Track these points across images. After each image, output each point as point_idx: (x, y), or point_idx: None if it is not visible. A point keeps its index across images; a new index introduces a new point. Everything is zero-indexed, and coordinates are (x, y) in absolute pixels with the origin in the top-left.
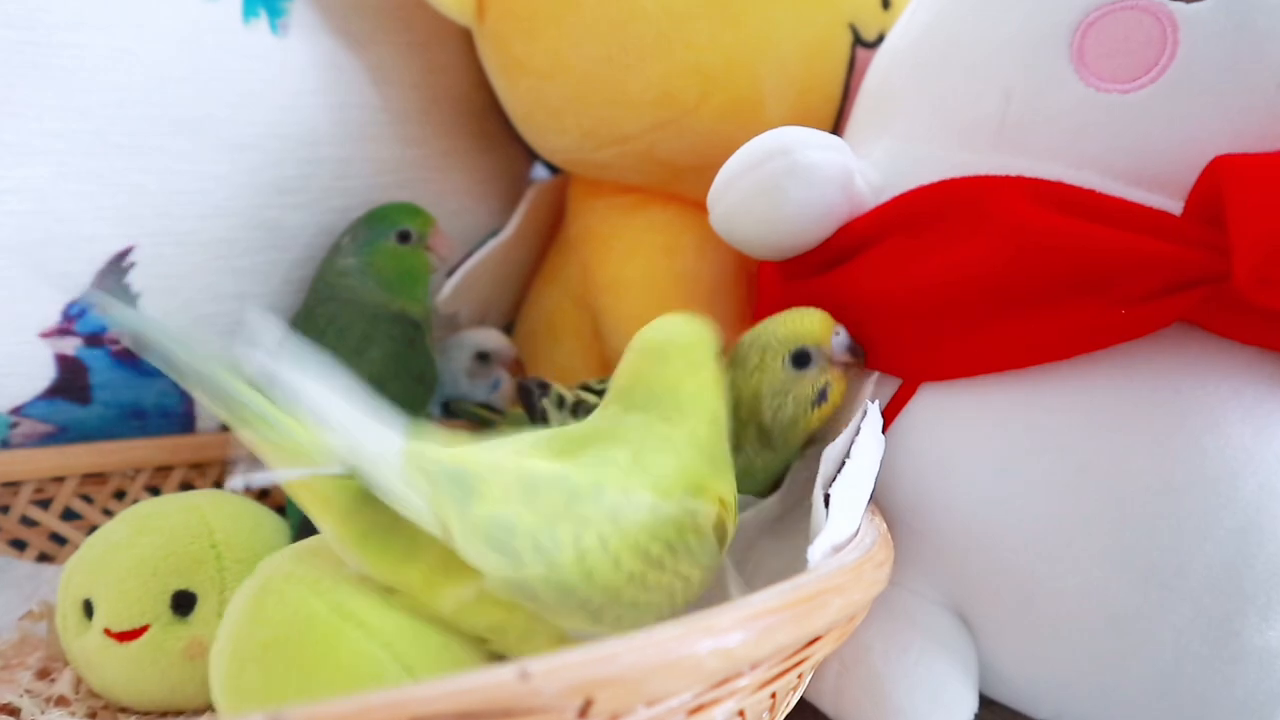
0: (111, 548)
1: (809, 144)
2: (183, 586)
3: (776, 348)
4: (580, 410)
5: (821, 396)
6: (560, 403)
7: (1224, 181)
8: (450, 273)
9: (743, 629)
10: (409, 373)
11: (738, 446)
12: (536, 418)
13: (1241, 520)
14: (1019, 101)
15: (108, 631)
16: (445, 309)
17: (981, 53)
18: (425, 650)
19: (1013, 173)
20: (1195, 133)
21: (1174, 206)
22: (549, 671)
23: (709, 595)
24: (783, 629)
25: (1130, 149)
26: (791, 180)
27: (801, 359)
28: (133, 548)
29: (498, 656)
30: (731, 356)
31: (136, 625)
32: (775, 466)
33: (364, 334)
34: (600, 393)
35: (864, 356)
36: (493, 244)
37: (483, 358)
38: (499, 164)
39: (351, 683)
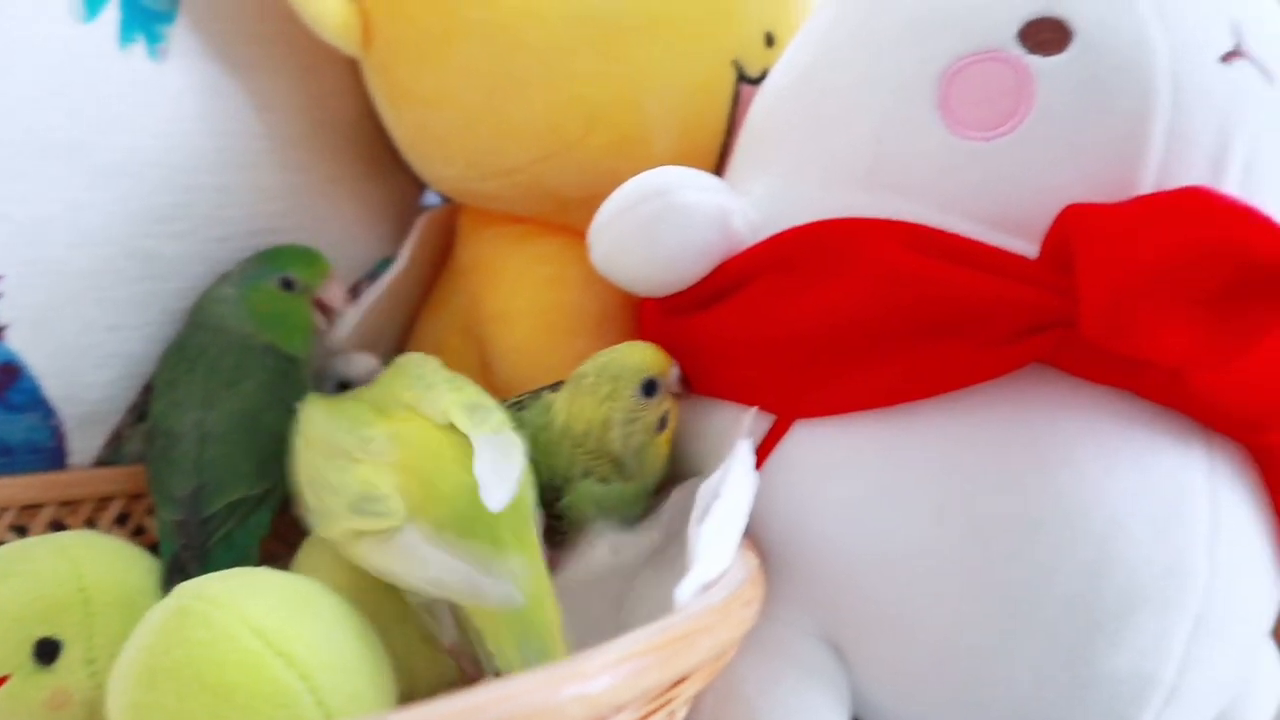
0: None
1: (686, 185)
2: (47, 634)
3: (629, 377)
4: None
5: (663, 424)
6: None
7: (1072, 230)
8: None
9: (609, 673)
10: (283, 404)
11: (602, 479)
12: None
13: (1092, 553)
14: (889, 145)
15: None
16: (347, 348)
17: (855, 97)
18: (345, 691)
19: (883, 214)
20: (1050, 180)
21: (1031, 251)
22: None
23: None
24: (649, 672)
25: (991, 194)
26: (668, 221)
27: (650, 388)
28: None
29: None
30: (573, 388)
31: None
32: (640, 492)
33: (236, 364)
34: None
35: (689, 388)
36: (388, 277)
37: (344, 386)
38: (388, 191)
39: (266, 712)
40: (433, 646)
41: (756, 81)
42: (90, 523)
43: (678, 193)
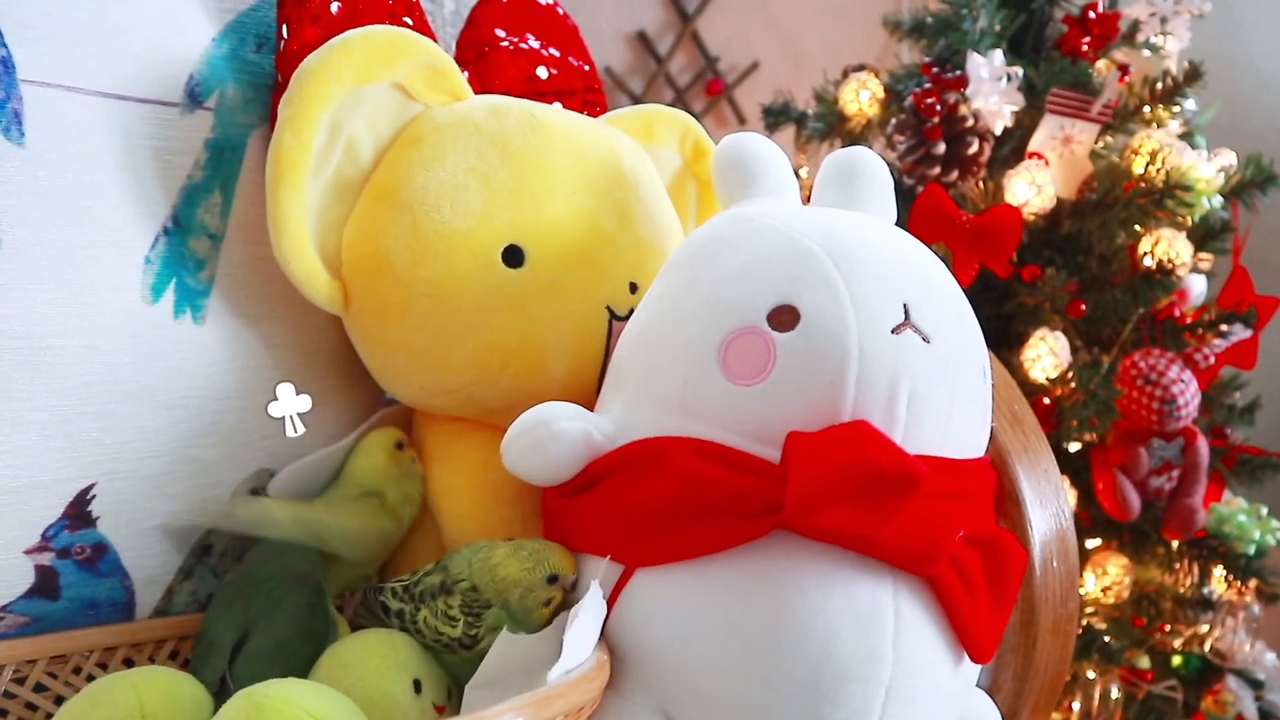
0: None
1: (559, 416)
2: None
3: (545, 565)
4: (415, 589)
5: (548, 602)
6: (394, 593)
7: (788, 450)
8: None
9: (505, 717)
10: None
11: (473, 614)
12: (379, 613)
13: (816, 649)
14: (691, 386)
15: None
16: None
17: (670, 351)
18: None
19: (687, 433)
20: (788, 413)
21: (778, 457)
22: None
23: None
24: (526, 713)
25: (754, 421)
26: (549, 442)
27: (552, 579)
28: (86, 719)
29: None
30: (515, 549)
31: None
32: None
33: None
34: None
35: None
36: (332, 448)
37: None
38: (362, 395)
39: None
40: None
41: (624, 318)
42: (151, 659)
43: (554, 423)
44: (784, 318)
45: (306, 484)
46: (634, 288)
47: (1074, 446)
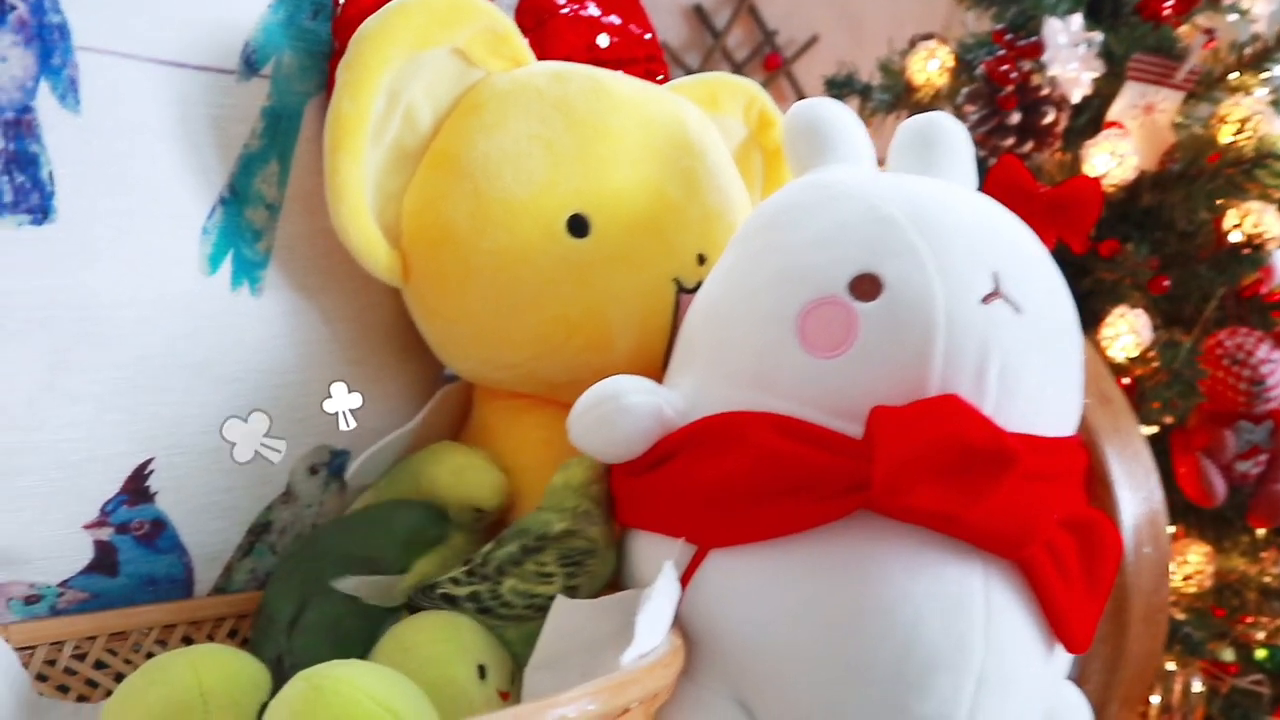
0: (128, 698)
1: (630, 390)
2: None
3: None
4: (485, 568)
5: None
6: (455, 582)
7: (873, 425)
8: None
9: (576, 704)
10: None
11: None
12: (440, 600)
13: (902, 636)
14: (767, 360)
15: None
16: (353, 484)
17: (745, 323)
18: None
19: (762, 408)
20: (870, 387)
21: (861, 432)
22: None
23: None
24: (601, 702)
25: (835, 396)
26: (619, 417)
27: None
28: (144, 697)
29: None
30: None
31: None
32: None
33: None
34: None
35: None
36: (400, 431)
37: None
38: (420, 370)
39: None
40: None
41: (693, 291)
42: (210, 637)
43: (625, 397)
44: (866, 287)
45: (379, 470)
46: (702, 260)
47: (1150, 430)
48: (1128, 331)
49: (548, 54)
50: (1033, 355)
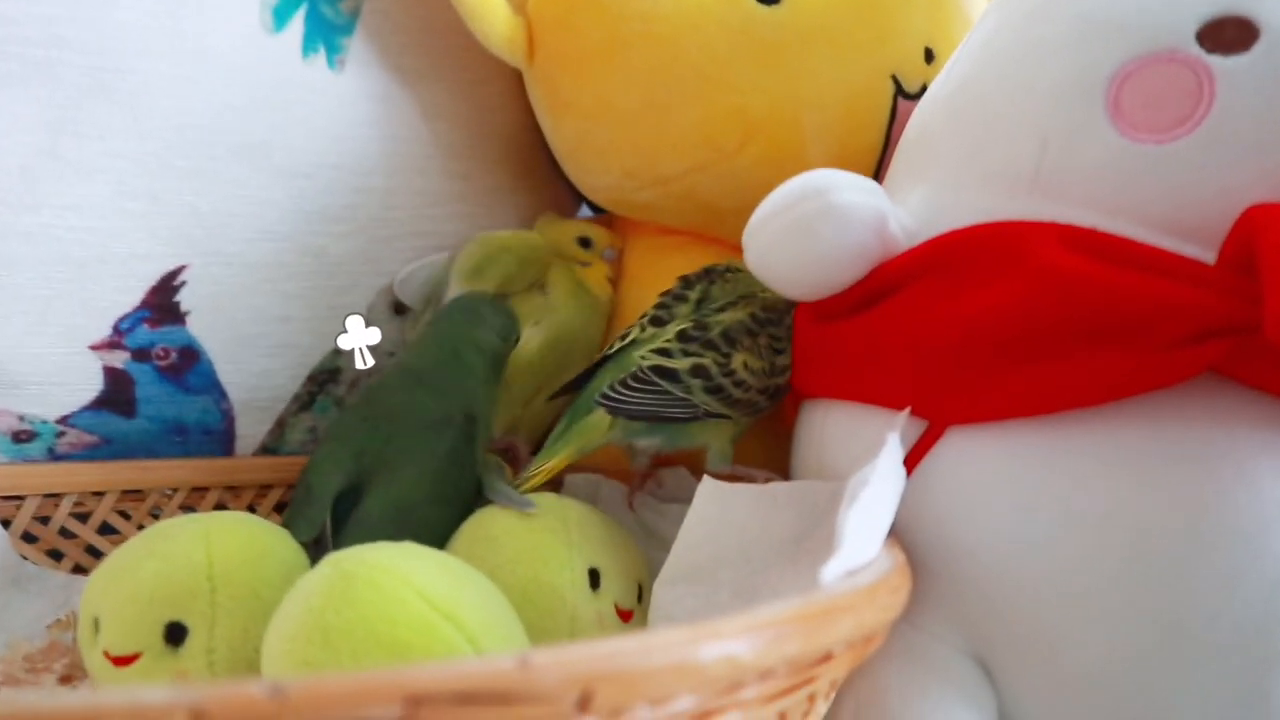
0: (120, 570)
1: (844, 186)
2: (175, 618)
3: None
4: (705, 334)
5: None
6: (666, 354)
7: (1256, 231)
8: None
9: (750, 637)
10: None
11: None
12: (625, 394)
13: (1273, 576)
14: (1055, 150)
15: (106, 653)
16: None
17: (1019, 102)
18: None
19: (1046, 219)
20: (1230, 183)
21: (1208, 256)
22: (550, 662)
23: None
24: (790, 640)
25: (1164, 199)
26: (825, 221)
27: None
28: (137, 572)
29: None
30: None
31: (130, 652)
32: None
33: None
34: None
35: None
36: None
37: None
38: (544, 202)
39: None
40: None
41: (915, 97)
42: (251, 507)
43: (838, 193)
44: (1229, 34)
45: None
46: (930, 56)
47: None
48: None
49: None
50: None
